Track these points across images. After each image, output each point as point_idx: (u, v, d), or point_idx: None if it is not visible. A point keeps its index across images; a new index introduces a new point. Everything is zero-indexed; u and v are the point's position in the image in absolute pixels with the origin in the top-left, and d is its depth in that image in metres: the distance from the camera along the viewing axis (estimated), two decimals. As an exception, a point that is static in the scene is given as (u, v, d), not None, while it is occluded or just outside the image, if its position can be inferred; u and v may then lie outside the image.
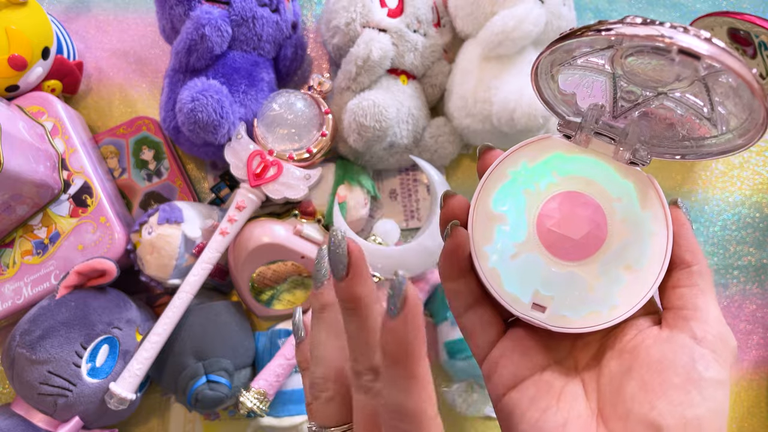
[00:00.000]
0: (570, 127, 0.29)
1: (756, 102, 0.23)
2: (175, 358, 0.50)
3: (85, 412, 0.48)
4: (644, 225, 0.28)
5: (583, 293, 0.28)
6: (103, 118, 0.61)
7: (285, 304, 0.56)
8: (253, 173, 0.52)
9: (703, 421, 0.24)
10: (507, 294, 0.28)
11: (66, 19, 0.62)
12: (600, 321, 0.27)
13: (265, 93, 0.54)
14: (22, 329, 0.47)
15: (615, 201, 0.28)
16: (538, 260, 0.28)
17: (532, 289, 0.28)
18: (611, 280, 0.28)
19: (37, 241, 0.52)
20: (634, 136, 0.28)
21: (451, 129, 0.57)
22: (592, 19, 0.63)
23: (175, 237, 0.50)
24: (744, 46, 0.53)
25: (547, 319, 0.28)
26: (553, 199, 0.29)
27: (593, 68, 0.27)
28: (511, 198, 0.29)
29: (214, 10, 0.51)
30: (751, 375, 0.58)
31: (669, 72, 0.25)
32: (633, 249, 0.28)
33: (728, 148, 0.27)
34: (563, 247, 0.28)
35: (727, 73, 0.24)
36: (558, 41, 0.25)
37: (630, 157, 0.28)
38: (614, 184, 0.28)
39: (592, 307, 0.28)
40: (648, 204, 0.28)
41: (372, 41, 0.52)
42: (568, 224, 0.28)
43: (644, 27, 0.22)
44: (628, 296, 0.28)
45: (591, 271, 0.28)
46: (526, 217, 0.29)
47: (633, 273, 0.28)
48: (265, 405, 0.50)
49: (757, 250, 0.60)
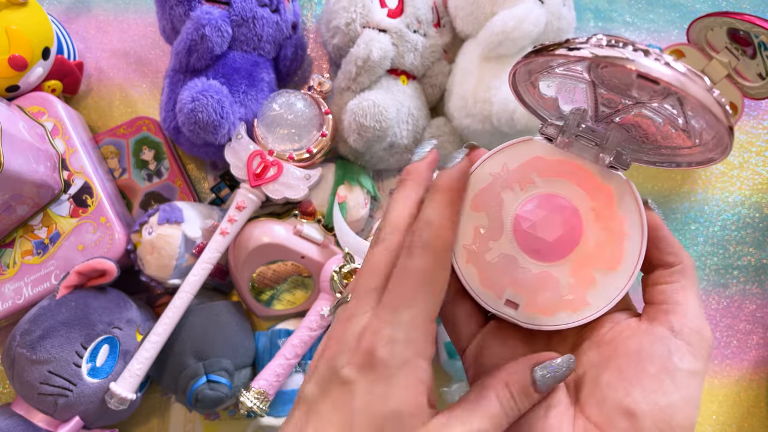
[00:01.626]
0: (552, 129, 0.30)
1: (717, 123, 0.24)
2: (176, 358, 0.50)
3: (85, 412, 0.48)
4: (620, 228, 0.29)
5: (556, 292, 0.29)
6: (104, 119, 0.61)
7: (285, 304, 0.56)
8: (253, 173, 0.52)
9: (675, 409, 0.26)
10: (482, 291, 0.29)
11: (66, 20, 0.62)
12: (570, 320, 0.29)
13: (265, 93, 0.54)
14: (23, 329, 0.47)
15: (592, 203, 0.29)
16: (513, 260, 0.29)
17: (506, 287, 0.29)
18: (584, 280, 0.29)
19: (38, 241, 0.52)
20: (615, 141, 0.29)
21: (451, 129, 0.57)
22: (592, 19, 0.63)
23: (175, 237, 0.51)
24: (744, 46, 0.53)
25: (518, 316, 0.29)
26: (530, 201, 0.29)
27: (573, 76, 0.28)
28: (491, 198, 0.30)
29: (214, 11, 0.51)
30: (751, 375, 0.58)
31: (642, 84, 0.26)
32: (608, 251, 0.29)
33: (702, 159, 0.28)
34: (538, 248, 0.29)
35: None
36: (527, 57, 0.26)
37: (610, 161, 0.29)
38: (593, 187, 0.29)
39: (563, 306, 0.29)
40: (624, 207, 0.29)
41: (372, 41, 0.52)
42: (543, 226, 0.29)
43: (609, 49, 0.23)
44: (600, 297, 0.29)
45: (564, 272, 0.29)
46: (503, 218, 0.29)
47: (606, 274, 0.29)
48: (265, 405, 0.50)
49: (757, 250, 0.60)
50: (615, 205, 0.29)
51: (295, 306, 0.56)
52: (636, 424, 0.26)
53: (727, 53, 0.54)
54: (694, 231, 0.60)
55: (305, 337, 0.51)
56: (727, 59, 0.54)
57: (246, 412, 0.50)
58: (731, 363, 0.59)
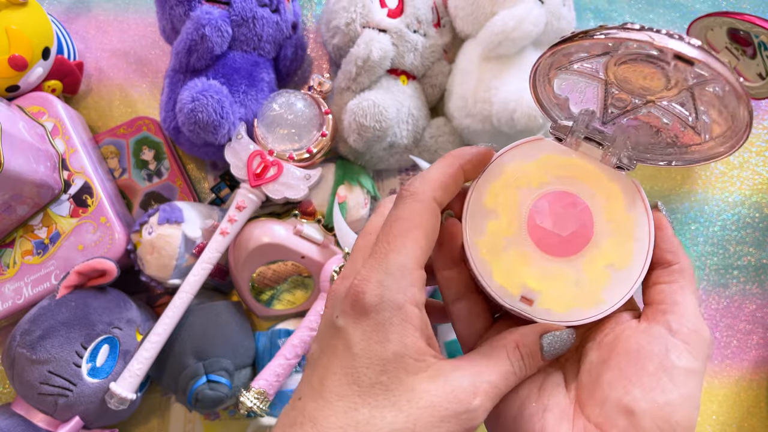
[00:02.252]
0: (561, 130, 0.31)
1: (740, 109, 0.24)
2: (176, 358, 0.50)
3: (85, 411, 0.48)
4: (628, 227, 0.30)
5: (569, 288, 0.29)
6: (104, 118, 0.61)
7: (285, 304, 0.56)
8: (254, 173, 0.52)
9: (674, 407, 0.26)
10: (496, 286, 0.30)
11: (66, 20, 0.62)
12: (584, 316, 0.29)
13: (265, 93, 0.54)
14: (23, 329, 0.47)
15: (601, 202, 0.30)
16: (527, 255, 0.30)
17: (521, 283, 0.29)
18: (596, 277, 0.29)
19: (38, 241, 0.52)
20: (622, 142, 0.30)
21: (451, 129, 0.57)
22: (592, 19, 0.63)
23: (175, 237, 0.51)
24: (744, 46, 0.53)
25: (533, 311, 0.29)
26: (543, 197, 0.30)
27: (587, 74, 0.29)
28: (504, 194, 0.30)
29: (214, 11, 0.51)
30: (751, 375, 0.58)
31: (660, 80, 0.26)
32: (617, 249, 0.29)
33: (710, 155, 0.29)
34: (551, 243, 0.30)
35: (714, 81, 0.25)
36: (559, 44, 0.26)
37: (617, 162, 0.30)
38: (601, 187, 0.30)
39: (577, 302, 0.29)
40: (632, 207, 0.30)
41: (372, 41, 0.52)
42: (556, 221, 0.30)
43: (642, 32, 0.24)
44: (611, 294, 0.29)
45: (577, 268, 0.30)
46: (517, 213, 0.30)
47: (616, 272, 0.29)
48: (265, 405, 0.50)
49: (757, 250, 0.60)
50: (623, 204, 0.30)
51: (295, 306, 0.56)
52: (635, 422, 0.26)
53: (727, 53, 0.54)
54: (694, 231, 0.60)
55: (305, 337, 0.51)
56: (727, 59, 0.54)
57: (246, 412, 0.50)
58: (731, 363, 0.59)
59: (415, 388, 0.25)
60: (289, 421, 0.26)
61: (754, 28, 0.49)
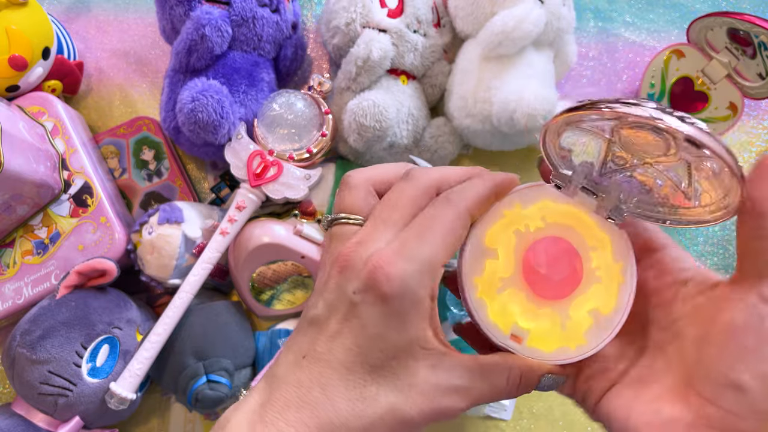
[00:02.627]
0: (561, 178, 0.32)
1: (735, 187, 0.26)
2: (176, 358, 0.50)
3: (85, 411, 0.48)
4: (614, 275, 0.31)
5: (556, 330, 0.31)
6: (104, 118, 0.61)
7: (285, 304, 0.56)
8: (254, 173, 0.52)
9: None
10: (490, 324, 0.31)
11: (66, 20, 0.62)
12: (569, 356, 0.31)
13: (265, 93, 0.54)
14: (23, 329, 0.47)
15: (591, 250, 0.32)
16: (520, 296, 0.32)
17: (512, 321, 0.31)
18: (580, 320, 0.31)
19: (38, 241, 0.52)
20: (615, 195, 0.31)
21: (451, 129, 0.57)
22: (592, 19, 0.63)
23: (175, 237, 0.51)
24: (744, 46, 0.53)
25: (521, 350, 0.31)
26: (539, 242, 0.32)
27: (595, 132, 0.30)
28: (503, 236, 0.32)
29: (214, 11, 0.51)
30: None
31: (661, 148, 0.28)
32: (602, 295, 0.31)
33: (697, 221, 0.30)
34: (544, 286, 0.32)
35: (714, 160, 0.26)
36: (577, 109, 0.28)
37: (608, 214, 0.31)
38: (592, 235, 0.32)
39: (562, 342, 0.31)
40: (619, 256, 0.31)
41: (372, 41, 0.52)
42: (550, 266, 0.32)
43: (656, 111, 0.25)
44: (594, 337, 0.31)
45: (564, 311, 0.31)
46: (514, 255, 0.32)
47: (600, 317, 0.31)
48: (265, 405, 0.50)
49: (757, 250, 0.60)
50: (611, 253, 0.31)
51: (295, 306, 0.56)
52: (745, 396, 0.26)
53: (727, 53, 0.54)
54: (694, 231, 0.60)
55: (305, 337, 0.51)
56: (727, 59, 0.54)
57: (246, 412, 0.50)
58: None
59: (417, 374, 0.28)
60: (294, 379, 0.28)
61: (754, 28, 0.49)
